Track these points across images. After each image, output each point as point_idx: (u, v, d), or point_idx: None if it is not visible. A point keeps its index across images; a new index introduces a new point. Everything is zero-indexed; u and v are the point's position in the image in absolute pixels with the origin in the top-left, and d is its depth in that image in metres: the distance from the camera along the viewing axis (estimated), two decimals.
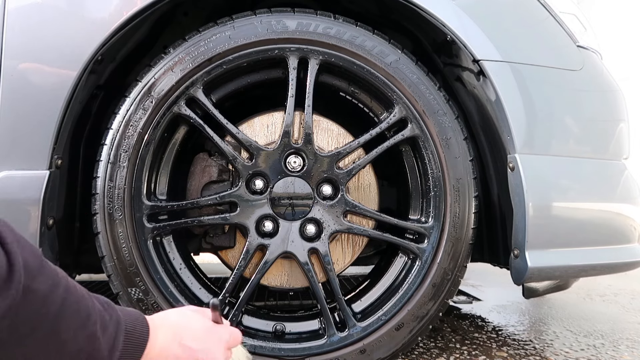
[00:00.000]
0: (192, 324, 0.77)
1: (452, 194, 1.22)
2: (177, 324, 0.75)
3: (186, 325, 0.76)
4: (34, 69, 1.12)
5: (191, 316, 0.78)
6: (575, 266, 1.25)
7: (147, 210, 1.17)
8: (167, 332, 0.73)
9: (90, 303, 0.62)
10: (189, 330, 0.75)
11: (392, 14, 1.37)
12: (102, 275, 1.22)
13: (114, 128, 1.15)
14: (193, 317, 0.78)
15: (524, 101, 1.21)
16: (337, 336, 1.20)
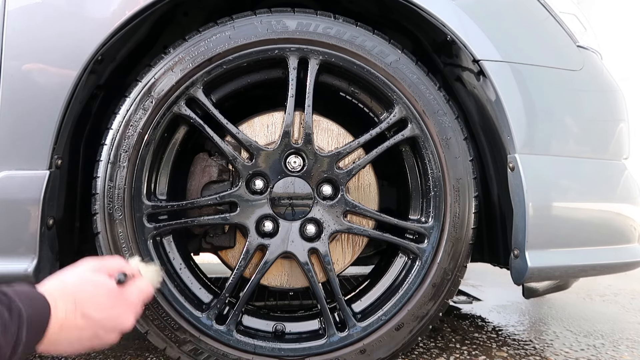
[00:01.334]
0: (94, 291, 0.72)
1: (452, 194, 1.22)
2: (78, 293, 0.70)
3: (88, 293, 0.71)
4: (34, 69, 1.12)
5: (92, 281, 0.73)
6: (575, 266, 1.25)
7: (147, 210, 1.17)
8: (67, 303, 0.68)
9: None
10: (90, 298, 0.71)
11: (392, 14, 1.37)
12: None
13: (114, 128, 1.15)
14: (95, 281, 0.73)
15: (524, 101, 1.21)
16: (337, 336, 1.20)
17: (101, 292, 0.72)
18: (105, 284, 0.74)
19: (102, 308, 0.71)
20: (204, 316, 1.18)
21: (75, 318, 0.68)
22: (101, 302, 0.71)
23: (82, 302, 0.70)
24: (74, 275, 0.74)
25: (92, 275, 0.75)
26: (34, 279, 1.08)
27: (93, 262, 0.78)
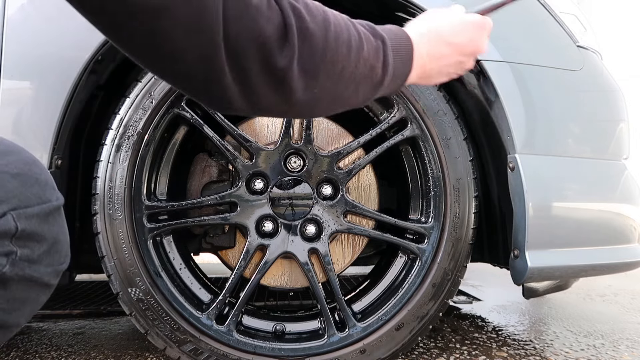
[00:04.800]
0: (448, 21, 0.75)
1: (452, 194, 1.22)
2: (436, 27, 0.74)
3: (443, 24, 0.75)
4: (34, 69, 1.12)
5: (445, 15, 0.77)
6: (575, 266, 1.25)
7: (147, 210, 1.17)
8: (430, 37, 0.72)
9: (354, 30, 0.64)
10: (447, 27, 0.74)
11: (392, 14, 1.37)
12: (102, 275, 1.22)
13: (114, 128, 1.15)
14: (447, 15, 0.77)
15: (524, 101, 1.21)
16: (337, 336, 1.20)
17: (455, 21, 0.75)
18: (455, 14, 0.77)
19: (462, 32, 0.74)
20: (204, 316, 1.18)
21: (439, 46, 0.72)
22: (459, 29, 0.74)
23: (441, 32, 0.73)
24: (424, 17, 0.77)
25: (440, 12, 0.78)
26: None
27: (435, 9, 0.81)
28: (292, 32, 0.53)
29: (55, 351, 1.44)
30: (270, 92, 0.54)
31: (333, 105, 0.63)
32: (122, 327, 1.72)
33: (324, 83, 0.58)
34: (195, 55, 0.48)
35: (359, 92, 0.64)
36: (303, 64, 0.55)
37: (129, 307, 1.15)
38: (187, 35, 0.46)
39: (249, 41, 0.50)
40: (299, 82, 0.55)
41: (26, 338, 1.58)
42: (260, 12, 0.50)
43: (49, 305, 1.98)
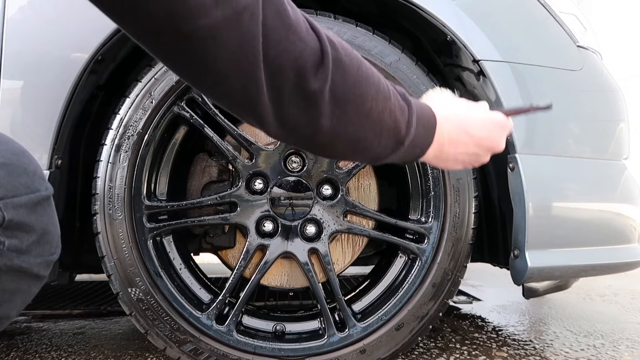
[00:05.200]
0: (474, 114, 0.78)
1: (452, 194, 1.22)
2: (460, 115, 0.76)
3: (469, 115, 0.77)
4: (34, 69, 1.12)
5: (470, 107, 0.79)
6: (575, 266, 1.25)
7: (147, 211, 1.17)
8: (452, 122, 0.74)
9: (384, 81, 0.65)
10: (472, 119, 0.76)
11: (392, 14, 1.37)
12: (102, 275, 1.22)
13: (114, 128, 1.15)
14: (472, 107, 0.79)
15: (524, 101, 1.21)
16: (337, 336, 1.20)
17: (480, 116, 0.78)
18: (481, 110, 0.80)
19: (483, 127, 0.77)
20: (204, 316, 1.18)
21: (459, 134, 0.74)
22: (482, 123, 0.77)
23: (466, 122, 0.76)
24: (450, 104, 0.79)
25: (467, 104, 0.80)
26: None
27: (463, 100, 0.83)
28: (327, 58, 0.56)
29: (55, 351, 1.44)
30: (299, 112, 0.57)
31: (355, 145, 0.64)
32: (122, 327, 1.72)
33: (350, 116, 0.60)
34: (237, 77, 0.51)
35: (381, 140, 0.65)
36: (334, 91, 0.57)
37: (129, 307, 1.15)
38: (231, 59, 0.49)
39: (286, 63, 0.53)
40: (328, 107, 0.57)
41: (26, 338, 1.58)
42: (299, 37, 0.54)
43: (49, 305, 1.98)
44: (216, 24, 0.46)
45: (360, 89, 0.61)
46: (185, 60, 0.50)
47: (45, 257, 0.60)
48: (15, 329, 1.71)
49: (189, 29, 0.46)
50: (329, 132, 0.60)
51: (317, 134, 0.60)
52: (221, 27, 0.47)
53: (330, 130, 0.60)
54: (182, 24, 0.45)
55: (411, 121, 0.67)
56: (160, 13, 0.45)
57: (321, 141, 0.62)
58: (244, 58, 0.50)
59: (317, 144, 0.63)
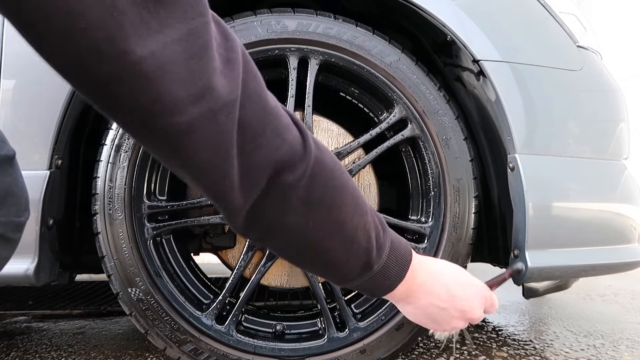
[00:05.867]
0: (457, 273, 0.76)
1: (452, 194, 1.22)
2: (441, 267, 0.75)
3: (451, 271, 0.76)
4: (34, 69, 1.12)
5: (457, 268, 0.78)
6: (575, 266, 1.25)
7: (147, 211, 1.17)
8: (430, 270, 0.72)
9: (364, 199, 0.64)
10: (452, 276, 0.75)
11: (392, 14, 1.37)
12: (102, 275, 1.22)
13: (114, 128, 1.15)
14: (458, 268, 0.78)
15: (524, 101, 1.21)
16: (337, 336, 1.20)
17: (461, 276, 0.76)
18: (465, 272, 0.78)
19: (462, 288, 0.74)
20: (204, 316, 1.18)
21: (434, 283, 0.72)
22: (462, 284, 0.75)
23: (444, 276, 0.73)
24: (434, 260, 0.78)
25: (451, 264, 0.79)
26: (34, 279, 1.08)
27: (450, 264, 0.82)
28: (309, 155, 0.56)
29: (55, 351, 1.44)
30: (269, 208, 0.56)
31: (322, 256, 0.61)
32: (122, 327, 1.72)
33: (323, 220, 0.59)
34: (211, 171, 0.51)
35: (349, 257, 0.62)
36: (310, 189, 0.57)
37: (129, 307, 1.15)
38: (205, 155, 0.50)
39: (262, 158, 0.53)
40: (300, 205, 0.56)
41: (26, 338, 1.58)
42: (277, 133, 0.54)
43: (49, 305, 1.98)
44: (192, 121, 0.46)
45: (338, 196, 0.59)
46: (163, 152, 0.50)
47: (11, 217, 0.59)
48: (15, 329, 1.71)
49: (165, 124, 0.46)
50: (298, 233, 0.58)
51: (283, 232, 0.58)
52: (197, 124, 0.47)
53: (298, 231, 0.58)
54: (158, 119, 0.45)
55: (384, 247, 0.65)
56: (138, 108, 0.45)
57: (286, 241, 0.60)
58: (218, 154, 0.50)
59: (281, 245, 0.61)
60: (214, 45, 0.47)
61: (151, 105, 0.44)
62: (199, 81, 0.46)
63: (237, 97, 0.49)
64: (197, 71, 0.45)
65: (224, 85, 0.48)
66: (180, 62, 0.44)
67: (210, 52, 0.46)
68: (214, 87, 0.47)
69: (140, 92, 0.43)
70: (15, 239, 0.62)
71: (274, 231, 0.58)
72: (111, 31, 0.40)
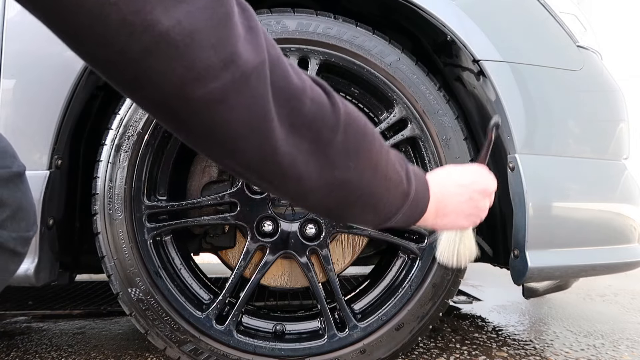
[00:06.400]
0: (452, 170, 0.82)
1: None
2: (441, 173, 0.80)
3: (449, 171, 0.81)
4: (34, 69, 1.12)
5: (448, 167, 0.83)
6: (575, 266, 1.25)
7: (147, 211, 1.17)
8: (439, 181, 0.77)
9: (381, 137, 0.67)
10: (453, 173, 0.81)
11: (392, 14, 1.37)
12: (102, 275, 1.22)
13: (114, 128, 1.15)
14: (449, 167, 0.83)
15: (524, 101, 1.21)
16: (337, 336, 1.20)
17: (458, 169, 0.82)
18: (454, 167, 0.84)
19: (466, 175, 0.81)
20: (204, 316, 1.18)
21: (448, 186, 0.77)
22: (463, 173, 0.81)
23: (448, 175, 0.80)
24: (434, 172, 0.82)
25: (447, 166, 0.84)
26: (34, 280, 1.08)
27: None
28: (338, 112, 0.58)
29: (55, 351, 1.44)
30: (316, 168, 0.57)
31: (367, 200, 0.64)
32: (122, 327, 1.72)
33: (362, 168, 0.61)
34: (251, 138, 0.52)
35: (389, 195, 0.66)
36: (346, 142, 0.59)
37: (129, 307, 1.15)
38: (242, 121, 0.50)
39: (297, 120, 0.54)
40: (342, 159, 0.59)
41: (26, 338, 1.58)
42: (306, 94, 0.55)
43: (49, 305, 1.98)
44: (224, 87, 0.47)
45: (368, 141, 0.62)
46: (197, 129, 0.50)
47: (21, 233, 0.60)
48: (15, 329, 1.71)
49: (200, 93, 0.46)
50: (345, 186, 0.61)
51: (333, 190, 0.60)
52: (230, 90, 0.47)
53: (346, 184, 0.60)
54: (192, 88, 0.45)
55: (410, 174, 0.69)
56: (170, 80, 0.45)
57: (336, 199, 0.62)
58: (255, 117, 0.50)
59: (329, 202, 0.63)
60: (236, 12, 0.48)
61: (183, 75, 0.45)
62: (227, 47, 0.46)
63: (265, 60, 0.50)
64: (224, 37, 0.46)
65: (250, 51, 0.48)
66: (207, 29, 0.45)
67: (234, 19, 0.47)
68: (241, 52, 0.47)
69: (171, 63, 0.44)
70: (24, 252, 0.63)
71: (321, 191, 0.60)
72: (138, 3, 0.41)
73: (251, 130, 0.51)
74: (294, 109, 0.53)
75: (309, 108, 0.55)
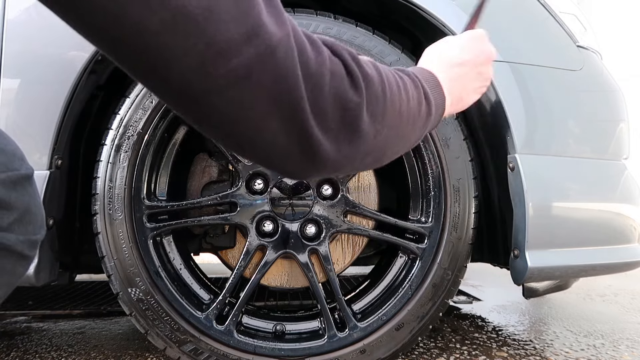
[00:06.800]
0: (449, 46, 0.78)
1: (452, 194, 1.22)
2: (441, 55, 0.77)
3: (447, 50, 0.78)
4: (34, 69, 1.12)
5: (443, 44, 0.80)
6: (575, 266, 1.25)
7: (147, 211, 1.17)
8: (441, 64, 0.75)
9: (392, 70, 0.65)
10: (452, 51, 0.77)
11: (392, 14, 1.37)
12: (102, 275, 1.22)
13: (114, 128, 1.15)
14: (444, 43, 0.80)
15: (524, 101, 1.21)
16: (337, 336, 1.20)
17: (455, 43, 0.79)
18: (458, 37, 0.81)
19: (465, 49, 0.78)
20: (204, 316, 1.18)
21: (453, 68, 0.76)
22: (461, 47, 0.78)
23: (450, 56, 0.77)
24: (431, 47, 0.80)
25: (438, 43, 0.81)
26: (34, 279, 1.08)
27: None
28: (358, 79, 0.55)
29: (55, 351, 1.44)
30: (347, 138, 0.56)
31: (398, 146, 0.65)
32: (122, 327, 1.72)
33: (389, 125, 0.60)
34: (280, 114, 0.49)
35: (416, 128, 0.66)
36: (371, 109, 0.57)
37: (129, 307, 1.15)
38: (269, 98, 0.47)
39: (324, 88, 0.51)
40: (370, 127, 0.57)
41: (26, 338, 1.58)
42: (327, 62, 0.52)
43: (49, 305, 1.98)
44: (249, 62, 0.44)
45: (389, 94, 0.60)
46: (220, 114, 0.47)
47: (28, 236, 0.60)
48: (15, 329, 1.71)
49: (224, 71, 0.43)
50: (377, 147, 0.60)
51: (367, 155, 0.59)
52: (255, 64, 0.44)
53: (377, 146, 0.60)
54: (214, 65, 0.43)
55: (427, 91, 0.67)
56: (191, 58, 0.42)
57: (371, 159, 0.61)
58: (284, 96, 0.48)
59: (368, 163, 0.63)
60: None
61: (205, 51, 0.42)
62: (250, 19, 0.44)
63: (290, 33, 0.48)
64: (245, 9, 0.44)
65: (273, 23, 0.46)
66: (228, 1, 0.43)
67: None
68: (265, 24, 0.45)
69: (192, 39, 0.41)
70: (31, 256, 0.62)
71: (356, 162, 0.59)
72: None
73: (279, 108, 0.48)
74: (322, 84, 0.51)
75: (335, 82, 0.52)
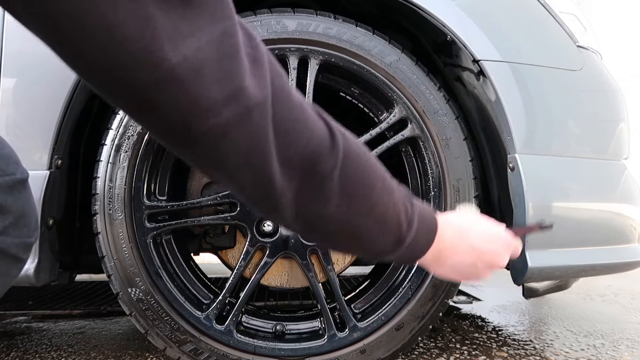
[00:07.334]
0: (480, 227, 0.77)
1: (452, 194, 1.22)
2: (464, 224, 0.76)
3: (474, 226, 0.77)
4: (34, 69, 1.12)
5: (479, 219, 0.79)
6: (575, 266, 1.25)
7: (147, 211, 1.17)
8: (455, 229, 0.73)
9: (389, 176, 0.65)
10: (477, 230, 0.76)
11: (392, 14, 1.37)
12: (102, 275, 1.22)
13: (114, 128, 1.15)
14: (480, 220, 0.79)
15: (524, 101, 1.21)
16: (337, 336, 1.20)
17: (486, 228, 0.77)
18: (488, 222, 0.79)
19: (487, 240, 0.76)
20: (204, 316, 1.18)
21: (461, 242, 0.73)
22: (486, 236, 0.76)
23: (469, 233, 0.75)
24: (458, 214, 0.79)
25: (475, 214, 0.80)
26: (34, 279, 1.08)
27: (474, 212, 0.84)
28: (337, 145, 0.57)
29: (55, 351, 1.44)
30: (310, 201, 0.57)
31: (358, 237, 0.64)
32: (122, 327, 1.72)
33: (358, 206, 0.60)
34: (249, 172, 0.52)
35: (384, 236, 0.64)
36: (343, 178, 0.57)
37: (129, 307, 1.15)
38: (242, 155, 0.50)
39: (296, 153, 0.54)
40: (337, 194, 0.58)
41: (26, 338, 1.58)
42: (307, 126, 0.55)
43: (49, 305, 1.98)
44: (228, 122, 0.47)
45: (368, 179, 0.61)
46: (199, 158, 0.51)
47: (23, 239, 0.61)
48: (15, 329, 1.71)
49: (204, 128, 0.46)
50: (337, 221, 0.60)
51: (324, 222, 0.60)
52: (233, 124, 0.47)
53: (338, 219, 0.60)
54: (197, 123, 0.46)
55: (413, 220, 0.66)
56: (176, 115, 0.45)
57: (327, 229, 0.61)
58: (254, 152, 0.51)
59: (324, 233, 0.62)
60: (242, 44, 0.48)
61: (189, 110, 0.45)
62: (233, 82, 0.46)
63: (268, 94, 0.50)
64: (230, 71, 0.46)
65: (255, 85, 0.48)
66: (214, 63, 0.45)
67: (241, 52, 0.47)
68: (246, 86, 0.47)
69: (177, 98, 0.44)
70: (25, 258, 0.63)
71: (315, 223, 0.60)
72: (146, 40, 0.40)
73: (249, 163, 0.51)
74: (292, 144, 0.53)
75: (308, 142, 0.54)
